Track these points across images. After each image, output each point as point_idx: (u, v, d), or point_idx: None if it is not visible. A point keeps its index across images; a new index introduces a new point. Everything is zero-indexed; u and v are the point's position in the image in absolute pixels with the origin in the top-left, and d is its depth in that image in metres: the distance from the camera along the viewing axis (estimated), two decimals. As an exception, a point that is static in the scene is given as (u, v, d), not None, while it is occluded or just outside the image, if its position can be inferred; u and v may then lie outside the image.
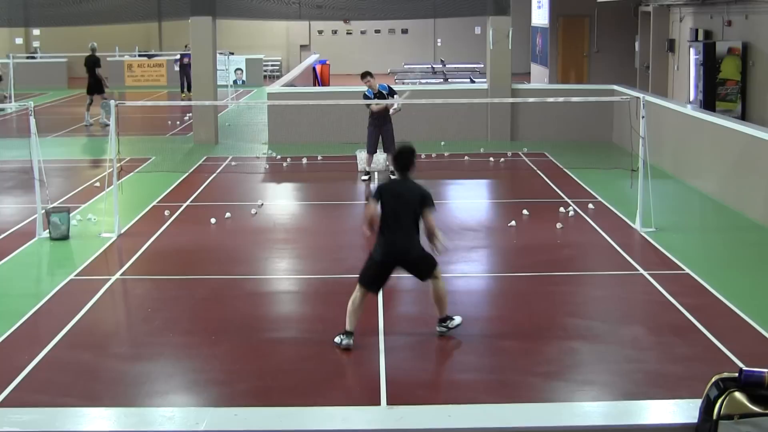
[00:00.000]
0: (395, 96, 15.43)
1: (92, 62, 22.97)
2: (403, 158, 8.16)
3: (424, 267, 7.94)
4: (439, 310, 8.08)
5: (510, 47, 19.58)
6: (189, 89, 29.29)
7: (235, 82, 33.37)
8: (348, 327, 7.78)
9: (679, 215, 12.85)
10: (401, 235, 7.75)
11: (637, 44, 26.19)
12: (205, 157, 17.95)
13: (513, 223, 12.12)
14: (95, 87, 22.95)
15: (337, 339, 7.81)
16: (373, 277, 7.86)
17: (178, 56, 31.09)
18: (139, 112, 25.53)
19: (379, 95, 15.25)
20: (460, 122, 19.57)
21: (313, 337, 8.28)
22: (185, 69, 28.85)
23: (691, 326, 8.31)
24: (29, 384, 7.16)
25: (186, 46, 28.68)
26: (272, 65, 39.05)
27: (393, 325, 8.39)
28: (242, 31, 37.34)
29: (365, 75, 15.21)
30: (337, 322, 8.59)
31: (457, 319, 8.12)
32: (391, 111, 15.22)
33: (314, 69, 29.32)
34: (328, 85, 29.45)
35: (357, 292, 7.86)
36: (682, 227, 12.20)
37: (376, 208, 7.82)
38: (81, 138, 21.56)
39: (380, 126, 15.29)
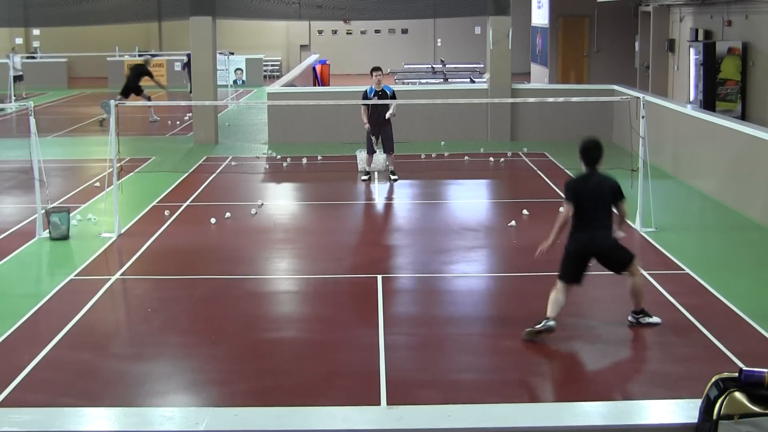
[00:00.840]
0: (394, 100, 15.42)
1: (143, 72, 23.17)
2: (591, 152, 8.20)
3: (619, 259, 8.10)
4: (634, 302, 8.23)
5: (510, 47, 19.58)
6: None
7: (235, 82, 33.36)
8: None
9: (679, 215, 12.85)
10: (598, 227, 7.97)
11: (637, 44, 26.19)
12: (205, 157, 17.95)
13: (513, 223, 12.12)
14: (135, 89, 22.92)
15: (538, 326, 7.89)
16: (572, 270, 8.07)
17: (185, 58, 30.98)
18: (140, 112, 25.53)
19: (382, 95, 15.25)
20: (460, 122, 19.57)
21: (313, 337, 8.28)
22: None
23: (691, 326, 8.31)
24: (29, 384, 7.16)
25: None
26: (272, 65, 39.05)
27: (393, 325, 8.39)
28: (242, 31, 37.34)
29: (375, 69, 15.26)
30: (337, 322, 8.61)
31: (655, 319, 8.24)
32: (387, 115, 15.22)
33: (314, 69, 29.32)
34: (328, 85, 29.45)
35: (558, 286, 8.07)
36: (682, 227, 12.20)
37: (570, 209, 8.01)
38: (81, 138, 21.56)
39: (379, 126, 15.30)
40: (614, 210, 8.11)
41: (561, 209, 8.31)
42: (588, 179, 8.15)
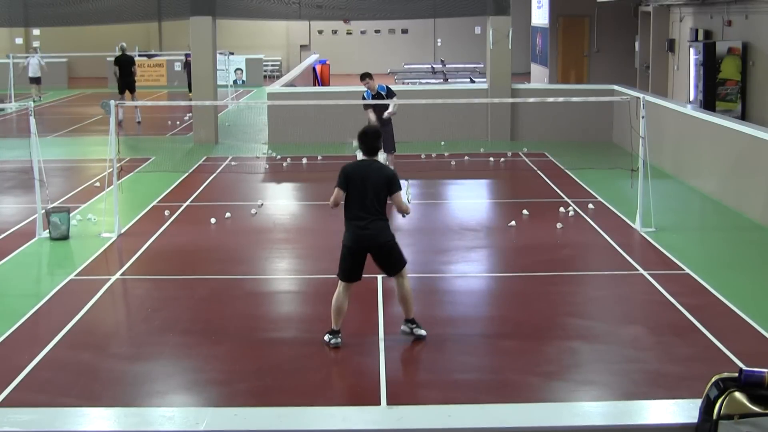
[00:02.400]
0: (393, 98, 15.40)
1: (129, 62, 23.06)
2: (369, 139, 7.90)
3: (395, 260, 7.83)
4: (405, 310, 8.02)
5: (510, 47, 19.58)
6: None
7: (235, 82, 33.36)
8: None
9: (679, 215, 12.85)
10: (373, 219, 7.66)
11: (637, 44, 26.18)
12: (205, 157, 17.95)
13: (513, 223, 12.12)
14: (132, 85, 22.95)
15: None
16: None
17: (184, 57, 31.00)
18: (139, 111, 25.53)
19: (377, 96, 15.24)
20: (460, 122, 19.57)
21: (313, 337, 8.27)
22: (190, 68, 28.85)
23: (691, 326, 8.31)
24: (29, 384, 7.16)
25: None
26: (272, 65, 39.05)
27: (393, 325, 8.39)
28: (242, 31, 37.34)
29: (364, 76, 15.21)
30: (337, 322, 8.60)
31: (422, 331, 8.02)
32: (385, 114, 15.21)
33: (314, 69, 29.32)
34: (328, 85, 29.46)
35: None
36: (682, 227, 12.20)
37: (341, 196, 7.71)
38: (81, 138, 21.56)
39: (380, 127, 15.27)
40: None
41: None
42: (363, 166, 7.81)
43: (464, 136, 19.41)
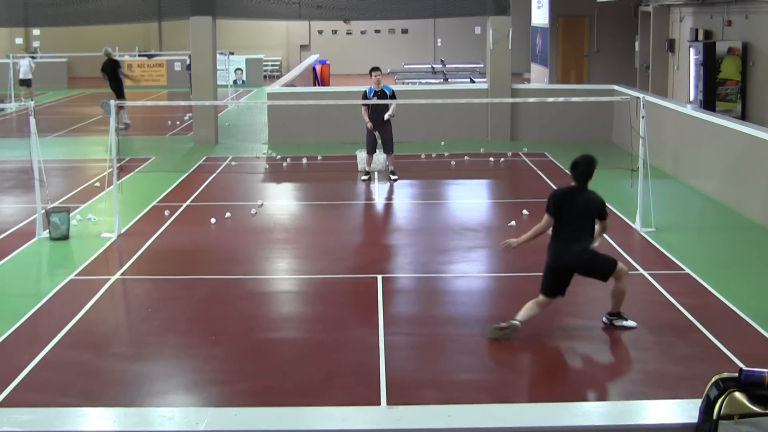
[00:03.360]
0: (394, 100, 15.41)
1: (112, 67, 22.17)
2: (581, 167, 8.39)
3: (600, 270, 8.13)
4: (612, 304, 8.26)
5: (510, 47, 19.58)
6: None
7: (235, 82, 33.36)
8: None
9: (679, 215, 12.85)
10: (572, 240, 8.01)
11: (637, 44, 26.18)
12: (205, 157, 17.95)
13: (513, 223, 12.12)
14: (117, 91, 21.94)
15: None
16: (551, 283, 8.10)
17: (188, 57, 30.86)
18: (139, 112, 25.56)
19: (381, 95, 15.26)
20: (460, 122, 19.57)
21: (313, 337, 8.28)
22: None
23: (691, 326, 8.31)
24: (29, 384, 7.16)
25: None
26: (272, 65, 39.05)
27: (393, 325, 8.39)
28: (242, 31, 37.34)
29: (374, 69, 15.26)
30: (337, 322, 8.61)
31: (630, 323, 8.25)
32: (385, 116, 15.23)
33: (314, 69, 29.32)
34: (328, 85, 29.46)
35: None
36: (682, 227, 12.20)
37: (550, 221, 8.09)
38: (81, 138, 21.56)
39: (379, 127, 15.30)
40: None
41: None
42: (574, 193, 8.26)
43: (464, 136, 19.41)
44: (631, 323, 8.26)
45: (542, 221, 8.13)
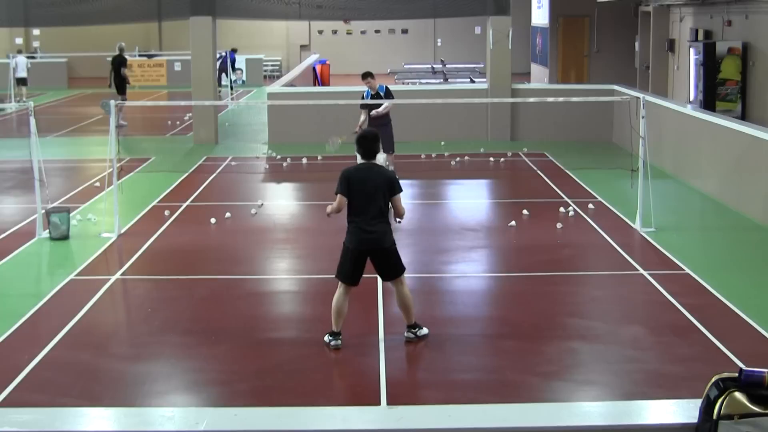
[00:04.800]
0: (388, 99, 15.39)
1: (118, 62, 22.80)
2: (368, 142, 7.85)
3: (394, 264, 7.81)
4: (406, 317, 8.00)
5: (510, 47, 19.58)
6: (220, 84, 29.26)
7: (235, 82, 33.35)
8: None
9: (679, 215, 12.85)
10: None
11: (637, 44, 26.19)
12: (205, 157, 17.95)
13: (513, 223, 12.12)
14: (119, 87, 22.73)
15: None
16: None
17: (224, 53, 30.73)
18: (139, 112, 25.56)
19: (377, 96, 15.24)
20: (460, 122, 19.57)
21: (313, 337, 8.27)
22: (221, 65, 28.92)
23: (691, 326, 8.31)
24: (29, 384, 7.16)
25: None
26: (272, 65, 39.05)
27: (393, 325, 8.39)
28: (242, 31, 37.34)
29: (366, 75, 15.23)
30: (337, 322, 8.59)
31: (425, 330, 8.03)
32: (372, 112, 15.17)
33: (314, 69, 29.33)
34: (328, 85, 29.46)
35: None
36: (682, 227, 12.20)
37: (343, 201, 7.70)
38: (81, 138, 21.57)
39: (378, 127, 15.27)
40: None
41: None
42: (362, 170, 7.80)
43: (464, 136, 19.41)
44: (424, 331, 7.98)
45: (335, 202, 7.73)
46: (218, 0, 19.70)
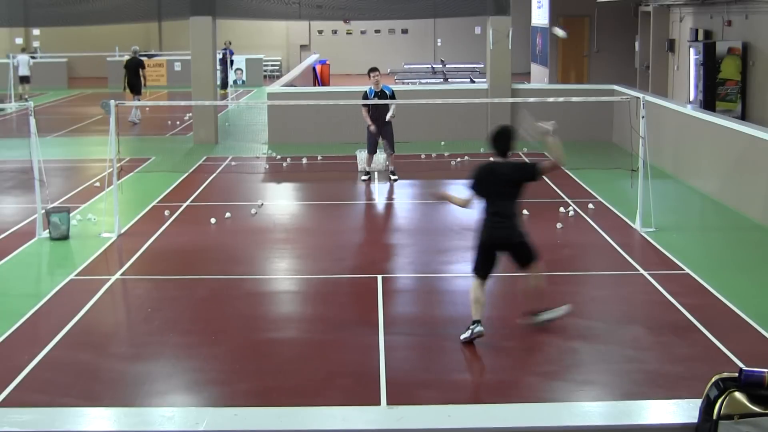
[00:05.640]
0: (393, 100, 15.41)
1: (136, 64, 23.45)
2: (501, 140, 8.13)
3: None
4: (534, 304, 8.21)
5: (510, 47, 19.58)
6: (225, 86, 29.49)
7: (235, 82, 33.36)
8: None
9: (679, 215, 12.85)
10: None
11: (637, 44, 26.19)
12: (205, 157, 17.95)
13: (513, 223, 12.10)
14: (136, 86, 23.34)
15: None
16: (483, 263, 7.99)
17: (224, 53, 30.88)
18: (140, 112, 25.51)
19: (381, 95, 15.26)
20: (460, 122, 19.57)
21: (313, 337, 8.28)
22: (226, 65, 28.94)
23: (691, 326, 8.31)
24: (29, 384, 7.16)
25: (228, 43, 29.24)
26: (272, 65, 39.04)
27: (393, 325, 8.39)
28: (242, 31, 37.34)
29: (372, 70, 15.26)
30: (337, 322, 8.61)
31: (562, 309, 8.22)
32: (387, 117, 15.23)
33: (314, 69, 29.32)
34: (328, 85, 29.45)
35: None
36: (682, 227, 12.20)
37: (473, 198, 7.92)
38: (81, 138, 21.56)
39: (379, 127, 15.30)
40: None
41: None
42: (496, 168, 8.02)
43: (464, 136, 19.41)
44: (562, 309, 8.21)
45: (464, 195, 7.96)
46: (218, 0, 19.69)
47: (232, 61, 31.80)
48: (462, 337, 7.88)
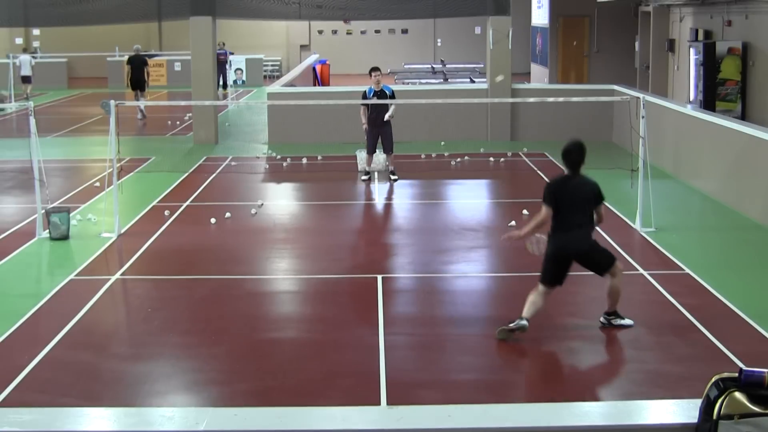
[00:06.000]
0: (393, 101, 15.42)
1: (140, 62, 24.66)
2: (573, 155, 8.21)
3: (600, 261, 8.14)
4: (608, 303, 8.27)
5: (510, 47, 19.58)
6: (225, 86, 29.61)
7: (235, 82, 33.36)
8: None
9: (679, 215, 12.85)
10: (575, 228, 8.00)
11: (637, 44, 26.18)
12: (205, 157, 17.95)
13: (513, 223, 12.11)
14: (140, 83, 24.36)
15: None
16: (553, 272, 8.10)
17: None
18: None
19: (381, 94, 15.26)
20: (460, 122, 19.57)
21: (313, 337, 8.28)
22: (221, 66, 28.99)
23: (691, 326, 8.31)
24: (29, 384, 7.16)
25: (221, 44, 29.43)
26: (272, 65, 39.04)
27: (393, 325, 8.39)
28: (242, 31, 37.34)
29: (374, 69, 15.27)
30: (337, 322, 8.61)
31: (627, 321, 8.26)
32: (386, 117, 15.23)
33: (314, 69, 29.32)
34: (328, 85, 29.45)
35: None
36: (682, 227, 12.20)
37: (548, 212, 7.99)
38: (81, 138, 21.56)
39: (379, 127, 15.30)
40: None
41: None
42: (568, 181, 8.16)
43: (464, 136, 19.41)
44: (628, 321, 8.27)
45: (541, 212, 8.07)
46: (218, 0, 19.69)
47: (230, 62, 31.79)
48: (503, 327, 7.90)
